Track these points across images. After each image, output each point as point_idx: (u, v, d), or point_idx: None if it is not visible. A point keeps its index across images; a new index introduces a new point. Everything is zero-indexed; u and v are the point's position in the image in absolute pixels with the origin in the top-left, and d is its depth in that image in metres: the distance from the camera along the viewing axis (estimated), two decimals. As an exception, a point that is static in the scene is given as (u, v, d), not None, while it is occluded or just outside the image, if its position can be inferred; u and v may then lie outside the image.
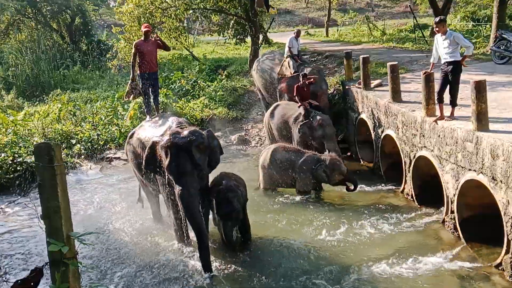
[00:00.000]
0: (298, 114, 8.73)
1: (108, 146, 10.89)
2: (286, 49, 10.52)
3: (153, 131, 6.18)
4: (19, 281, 2.36)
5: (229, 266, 5.47)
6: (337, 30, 22.13)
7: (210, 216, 5.93)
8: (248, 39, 16.71)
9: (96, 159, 10.46)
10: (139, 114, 11.37)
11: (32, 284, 2.35)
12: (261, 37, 16.97)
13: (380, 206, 7.01)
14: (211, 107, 12.59)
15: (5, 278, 5.26)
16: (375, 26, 19.91)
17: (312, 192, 7.63)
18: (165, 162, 5.35)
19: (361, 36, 19.80)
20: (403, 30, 20.12)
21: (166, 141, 5.40)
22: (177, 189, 5.32)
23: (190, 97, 13.56)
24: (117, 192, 8.37)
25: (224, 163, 8.78)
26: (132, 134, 6.70)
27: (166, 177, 5.56)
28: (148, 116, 7.13)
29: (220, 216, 5.65)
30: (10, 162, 9.06)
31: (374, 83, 9.28)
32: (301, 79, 9.04)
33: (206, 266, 5.23)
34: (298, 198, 7.51)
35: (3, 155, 9.24)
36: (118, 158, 10.32)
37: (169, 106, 12.08)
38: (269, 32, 18.82)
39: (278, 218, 6.76)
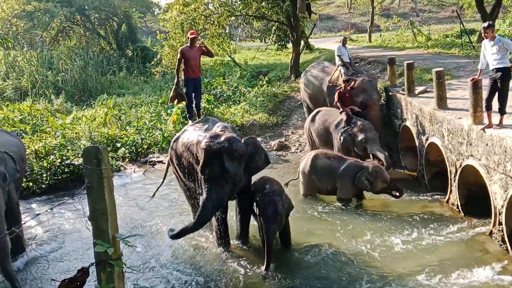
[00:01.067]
0: (339, 120, 8.64)
1: (151, 150, 11.13)
2: (337, 58, 10.28)
3: (198, 134, 6.27)
4: (66, 280, 2.44)
5: (267, 270, 5.45)
6: (380, 36, 21.78)
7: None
8: (290, 45, 16.73)
9: (140, 162, 10.71)
10: (182, 119, 11.58)
11: (78, 283, 2.42)
12: (302, 43, 16.95)
13: (424, 216, 6.81)
14: (252, 112, 12.66)
15: (54, 277, 5.45)
16: (420, 31, 19.45)
17: (353, 199, 7.51)
18: (200, 163, 5.46)
19: (405, 41, 19.40)
20: (449, 35, 19.59)
21: (204, 143, 5.51)
22: (204, 189, 5.44)
23: (231, 103, 13.70)
24: (161, 195, 8.52)
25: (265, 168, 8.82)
26: (177, 138, 6.81)
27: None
28: (190, 121, 7.23)
29: (263, 219, 5.58)
30: (58, 164, 9.40)
31: (418, 89, 9.06)
32: (343, 84, 8.94)
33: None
34: (338, 205, 7.41)
35: (52, 157, 9.60)
36: (161, 161, 10.51)
37: (210, 111, 12.25)
38: (311, 38, 18.74)
39: (317, 225, 6.69)
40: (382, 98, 10.05)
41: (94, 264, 2.43)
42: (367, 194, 7.56)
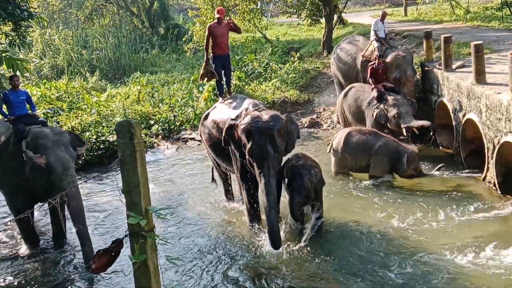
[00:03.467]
0: (371, 98, 8.48)
1: (183, 127, 11.25)
2: (372, 32, 9.95)
3: (227, 112, 6.29)
4: (101, 251, 2.52)
5: (297, 246, 5.48)
6: (417, 9, 21.01)
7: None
8: (322, 20, 16.40)
9: (173, 139, 10.86)
10: (213, 96, 11.62)
11: (113, 254, 2.49)
12: (335, 17, 16.58)
13: (459, 194, 6.66)
14: (283, 89, 12.55)
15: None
16: (458, 4, 18.67)
17: (385, 177, 7.42)
18: (247, 145, 5.45)
19: (443, 15, 18.66)
20: (489, 8, 18.71)
21: (248, 124, 5.49)
22: (258, 171, 5.43)
23: (262, 80, 13.61)
24: (192, 171, 8.67)
25: (296, 145, 8.80)
26: (206, 115, 6.87)
27: (245, 159, 5.66)
28: (220, 98, 7.25)
29: (289, 190, 5.67)
30: (94, 140, 9.64)
31: (456, 64, 8.74)
32: (376, 60, 8.74)
33: (275, 243, 5.28)
34: (370, 182, 7.33)
35: (87, 133, 9.85)
36: (193, 138, 10.64)
37: (241, 88, 12.23)
38: (344, 12, 18.29)
39: (349, 202, 6.67)
40: (418, 74, 9.76)
41: (128, 235, 2.49)
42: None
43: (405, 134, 8.09)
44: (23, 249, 6.02)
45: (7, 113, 6.03)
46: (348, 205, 6.57)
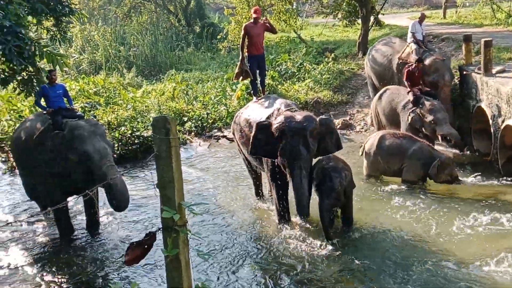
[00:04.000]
0: (407, 101, 8.32)
1: (216, 124, 11.36)
2: (409, 34, 9.73)
3: (259, 112, 6.32)
4: (134, 243, 2.58)
5: (327, 248, 5.46)
6: (456, 12, 20.49)
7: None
8: (359, 21, 16.21)
9: (205, 136, 10.97)
10: (246, 95, 11.67)
11: (146, 246, 2.55)
12: (372, 18, 16.35)
13: (494, 201, 6.47)
14: (316, 90, 12.48)
15: (124, 240, 5.82)
16: (500, 8, 18.10)
17: (419, 182, 7.29)
18: (279, 145, 5.45)
19: (483, 18, 18.14)
20: (533, 12, 18.06)
21: (281, 124, 5.50)
22: (289, 171, 5.44)
23: (295, 80, 13.57)
24: (223, 169, 8.74)
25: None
26: (240, 114, 6.92)
27: (276, 158, 5.66)
28: (254, 97, 7.29)
29: (319, 192, 5.63)
30: (129, 135, 9.84)
31: (496, 69, 8.49)
32: (415, 63, 8.55)
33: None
34: (403, 187, 7.21)
35: (123, 128, 10.06)
36: (225, 136, 10.73)
37: (274, 88, 12.23)
38: (381, 14, 18.00)
39: (380, 206, 6.58)
40: (456, 78, 9.53)
41: (161, 229, 2.54)
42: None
43: (441, 141, 7.92)
44: (59, 240, 6.19)
45: (45, 106, 6.25)
46: (378, 209, 6.48)
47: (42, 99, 6.30)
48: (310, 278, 4.91)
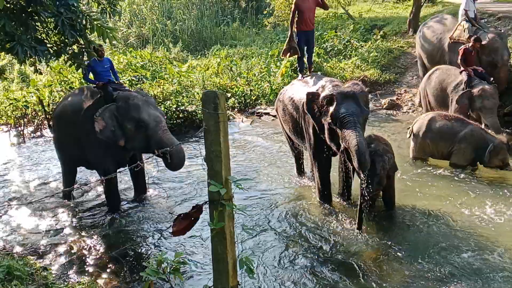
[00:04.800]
0: (459, 81, 7.99)
1: (259, 101, 11.34)
2: (461, 11, 9.20)
3: (304, 89, 6.24)
4: (182, 215, 2.63)
5: (366, 230, 5.41)
6: (516, -12, 19.39)
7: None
8: (410, -3, 15.62)
9: (248, 113, 11.00)
10: (290, 72, 11.56)
11: (192, 219, 2.60)
12: (424, -6, 15.70)
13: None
14: (363, 68, 12.20)
15: (171, 211, 5.97)
16: None
17: (468, 166, 7.04)
18: (329, 111, 5.30)
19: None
20: None
21: (329, 91, 5.41)
22: (343, 131, 5.16)
23: (341, 57, 13.30)
24: (265, 145, 8.76)
25: (372, 127, 8.57)
26: (284, 91, 6.87)
27: (322, 134, 5.57)
28: (300, 75, 7.19)
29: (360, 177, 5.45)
30: (174, 109, 9.99)
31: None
32: (471, 41, 8.16)
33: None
34: (451, 171, 6.99)
35: (168, 102, 10.22)
36: (268, 113, 10.71)
37: (320, 65, 12.04)
38: (434, -10, 17.25)
39: (425, 190, 6.40)
40: (512, 58, 9.06)
41: (207, 202, 2.58)
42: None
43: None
44: (106, 211, 6.39)
45: (93, 80, 6.40)
46: (423, 192, 6.30)
47: (90, 74, 6.44)
48: (347, 261, 4.87)
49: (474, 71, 8.00)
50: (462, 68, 8.04)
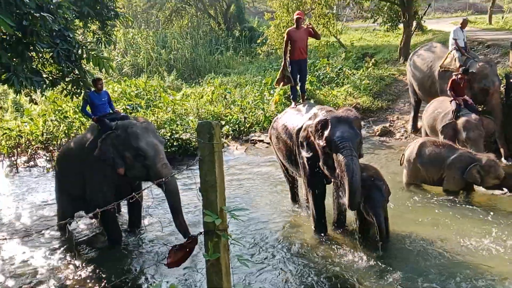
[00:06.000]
0: (447, 111, 8.06)
1: (253, 128, 11.40)
2: (451, 41, 9.38)
3: (298, 117, 6.30)
4: (177, 246, 2.62)
5: (363, 257, 5.37)
6: (502, 17, 19.84)
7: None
8: (400, 26, 15.95)
9: (242, 140, 11.03)
10: (284, 99, 11.68)
11: (187, 250, 2.59)
12: (414, 23, 16.05)
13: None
14: (355, 95, 12.35)
15: (166, 242, 5.90)
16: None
17: (461, 192, 7.06)
18: (325, 133, 5.30)
19: (532, 23, 17.52)
20: None
21: (323, 117, 5.42)
22: (337, 156, 5.17)
23: (334, 85, 13.48)
24: (259, 173, 8.76)
25: (365, 153, 8.58)
26: (277, 119, 6.92)
27: (315, 163, 5.58)
28: (293, 103, 7.26)
29: (370, 205, 5.41)
30: (168, 138, 10.00)
31: (545, 76, 8.15)
32: (460, 72, 8.27)
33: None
34: (445, 197, 7.01)
35: (162, 130, 10.24)
36: (262, 141, 10.76)
37: (312, 93, 12.17)
38: (423, 21, 17.63)
39: (419, 217, 6.39)
40: (502, 85, 9.20)
41: (202, 233, 2.57)
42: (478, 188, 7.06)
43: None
44: (101, 240, 6.31)
45: (90, 113, 6.40)
46: (417, 220, 6.28)
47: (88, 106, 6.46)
48: (344, 285, 4.83)
49: (464, 102, 8.07)
50: (451, 98, 8.12)
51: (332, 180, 5.78)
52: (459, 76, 8.20)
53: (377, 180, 5.56)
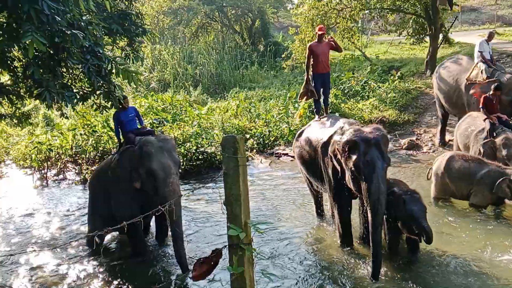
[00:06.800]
0: (481, 129, 7.81)
1: (277, 142, 11.41)
2: (477, 53, 9.26)
3: (322, 131, 6.27)
4: (201, 259, 2.63)
5: (391, 273, 5.27)
6: (533, 28, 19.48)
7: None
8: (427, 39, 15.79)
9: (266, 154, 11.05)
10: (308, 113, 11.66)
11: (212, 263, 2.60)
12: (441, 36, 15.87)
13: None
14: (381, 108, 12.25)
15: (191, 255, 5.92)
16: None
17: (490, 206, 6.87)
18: (351, 159, 5.22)
19: None
20: None
21: (352, 136, 5.27)
22: (365, 187, 5.13)
23: (359, 98, 13.41)
24: (284, 186, 8.74)
25: (392, 167, 8.49)
26: (301, 132, 6.90)
27: (343, 177, 5.52)
28: (316, 116, 7.24)
29: (415, 219, 5.29)
30: (194, 151, 10.11)
31: None
32: (492, 89, 8.02)
33: (375, 273, 5.10)
34: (473, 212, 6.84)
35: (188, 144, 10.35)
36: (286, 154, 10.75)
37: (337, 106, 12.13)
38: (451, 32, 17.43)
39: (447, 231, 6.26)
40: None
41: (227, 246, 2.58)
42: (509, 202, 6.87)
43: None
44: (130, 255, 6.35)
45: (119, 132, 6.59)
46: (444, 234, 6.15)
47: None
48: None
49: (498, 119, 7.85)
50: (485, 117, 7.90)
51: (358, 194, 5.72)
52: (491, 93, 8.01)
53: (413, 193, 5.51)
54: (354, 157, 5.18)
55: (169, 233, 6.62)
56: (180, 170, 9.39)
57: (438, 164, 7.33)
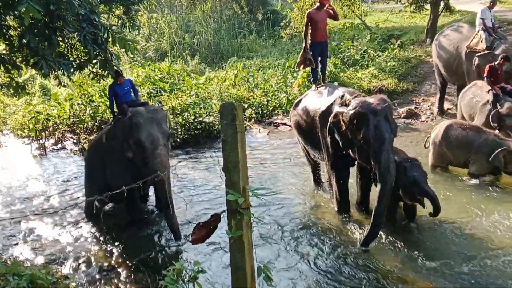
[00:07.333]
0: (486, 101, 7.76)
1: (276, 111, 11.40)
2: (478, 21, 9.12)
3: (320, 100, 6.26)
4: (201, 223, 2.69)
5: (388, 241, 5.38)
6: (536, -5, 19.19)
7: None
8: (427, 6, 15.57)
9: (265, 123, 11.05)
10: (307, 82, 11.61)
11: (211, 227, 2.66)
12: (442, 4, 15.64)
13: None
14: (380, 77, 12.19)
15: (190, 220, 6.02)
16: None
17: (488, 175, 6.93)
18: (359, 131, 5.18)
19: None
20: None
21: (359, 108, 5.21)
22: (374, 158, 5.14)
23: (358, 67, 13.32)
24: (282, 155, 8.79)
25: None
26: (298, 102, 6.87)
27: (344, 148, 5.53)
28: (314, 85, 7.21)
29: (418, 186, 5.37)
30: (192, 121, 10.10)
31: None
32: (499, 58, 7.93)
33: (371, 237, 5.21)
34: (470, 180, 6.92)
35: (186, 114, 10.34)
36: (285, 123, 10.76)
37: (336, 75, 12.06)
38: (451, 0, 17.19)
39: (444, 199, 6.34)
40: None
41: (226, 211, 2.63)
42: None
43: None
44: (127, 220, 6.46)
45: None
46: (442, 202, 6.23)
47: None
48: (368, 270, 4.85)
49: (502, 89, 7.80)
50: (489, 87, 7.84)
51: (356, 162, 5.77)
52: (497, 62, 7.93)
53: (413, 160, 5.59)
54: (363, 129, 5.15)
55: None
56: (178, 140, 9.54)
57: (436, 132, 7.36)
